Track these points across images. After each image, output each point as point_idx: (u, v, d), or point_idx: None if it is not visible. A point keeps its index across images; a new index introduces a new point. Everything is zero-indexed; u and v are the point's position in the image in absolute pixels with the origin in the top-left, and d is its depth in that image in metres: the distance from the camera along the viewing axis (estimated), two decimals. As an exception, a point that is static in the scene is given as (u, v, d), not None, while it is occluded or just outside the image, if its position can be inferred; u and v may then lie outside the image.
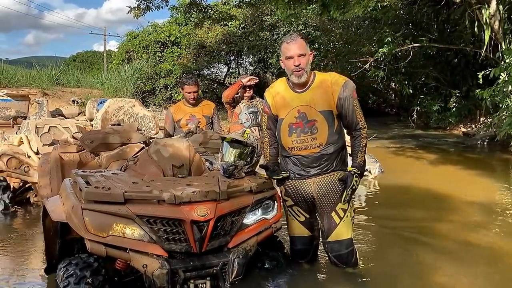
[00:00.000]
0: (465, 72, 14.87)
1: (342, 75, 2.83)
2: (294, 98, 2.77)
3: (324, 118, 2.70)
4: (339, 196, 2.73)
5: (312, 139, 2.70)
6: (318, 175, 2.75)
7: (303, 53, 2.70)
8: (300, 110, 2.73)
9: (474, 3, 10.43)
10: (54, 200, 2.63)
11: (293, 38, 2.72)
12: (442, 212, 4.57)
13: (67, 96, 15.64)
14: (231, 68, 23.36)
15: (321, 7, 12.72)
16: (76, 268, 2.37)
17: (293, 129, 2.74)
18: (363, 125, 2.76)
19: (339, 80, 2.73)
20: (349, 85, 2.73)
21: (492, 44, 10.42)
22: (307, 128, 2.71)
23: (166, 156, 2.74)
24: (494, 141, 10.13)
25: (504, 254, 3.48)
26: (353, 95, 2.72)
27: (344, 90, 2.69)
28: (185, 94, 4.57)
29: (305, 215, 2.88)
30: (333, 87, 2.71)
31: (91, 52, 40.70)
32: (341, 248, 2.77)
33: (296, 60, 2.69)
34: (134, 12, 14.25)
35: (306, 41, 2.76)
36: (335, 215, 2.75)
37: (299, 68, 2.69)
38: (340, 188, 2.73)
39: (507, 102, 8.94)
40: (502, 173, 7.55)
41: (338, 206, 2.75)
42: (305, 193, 2.79)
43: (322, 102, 2.70)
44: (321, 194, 2.75)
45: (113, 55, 25.53)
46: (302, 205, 2.85)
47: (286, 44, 2.73)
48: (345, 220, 2.76)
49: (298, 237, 2.91)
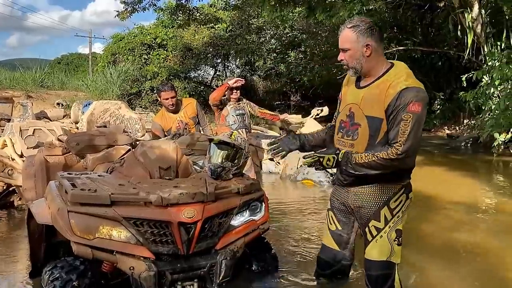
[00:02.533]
0: (449, 75, 15.13)
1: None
2: (352, 93, 2.41)
3: (367, 124, 2.28)
4: (373, 213, 2.36)
5: (351, 145, 2.35)
6: (355, 184, 2.41)
7: (345, 48, 2.32)
8: (351, 108, 2.37)
9: (457, 7, 10.63)
10: (39, 203, 2.60)
11: (341, 28, 2.34)
12: (428, 212, 4.63)
13: (51, 99, 15.43)
14: (218, 70, 23.36)
15: (307, 10, 12.84)
16: (62, 271, 2.33)
17: (341, 127, 2.43)
18: (399, 146, 2.15)
19: (399, 85, 2.19)
20: (409, 94, 2.16)
21: (475, 47, 10.61)
22: (350, 131, 2.36)
23: (153, 158, 2.72)
24: (477, 142, 10.31)
25: (488, 252, 3.55)
26: (410, 107, 2.14)
27: (399, 98, 2.17)
28: (163, 102, 4.45)
29: (337, 225, 2.56)
30: (389, 90, 2.21)
31: (76, 55, 40.35)
32: (370, 268, 2.41)
33: (340, 54, 2.36)
34: (120, 15, 14.21)
35: (357, 30, 2.27)
36: (368, 231, 2.40)
37: (343, 64, 2.38)
38: (376, 205, 2.35)
39: (490, 104, 9.13)
40: (485, 174, 7.70)
41: (371, 223, 2.38)
42: (344, 201, 2.50)
43: (372, 106, 2.27)
44: (356, 205, 2.42)
45: (99, 58, 25.31)
46: (337, 212, 2.56)
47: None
48: (378, 240, 2.37)
49: (323, 245, 2.64)
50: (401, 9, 14.40)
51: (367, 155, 2.23)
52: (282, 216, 4.59)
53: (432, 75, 15.81)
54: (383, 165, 2.20)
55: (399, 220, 2.37)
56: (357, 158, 2.25)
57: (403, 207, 2.37)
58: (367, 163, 2.22)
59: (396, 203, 2.36)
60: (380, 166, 2.21)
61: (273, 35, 22.50)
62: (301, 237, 3.87)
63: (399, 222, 2.37)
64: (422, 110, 2.17)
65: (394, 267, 2.40)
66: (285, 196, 5.66)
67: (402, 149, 2.15)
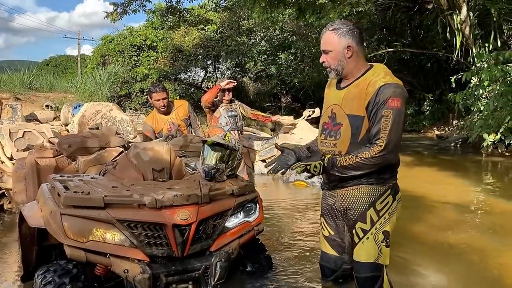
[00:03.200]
0: (438, 76, 15.29)
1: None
2: (333, 94, 2.45)
3: (349, 123, 2.31)
4: (359, 214, 2.37)
5: (333, 145, 2.37)
6: (341, 187, 2.43)
7: (326, 50, 2.38)
8: (333, 109, 2.41)
9: (446, 9, 10.74)
10: (31, 206, 2.57)
11: (323, 31, 2.40)
12: (418, 212, 4.66)
13: (40, 101, 15.25)
14: (209, 72, 23.29)
15: (297, 11, 12.91)
16: (54, 275, 2.31)
17: (324, 129, 2.46)
18: (381, 143, 2.19)
19: (377, 82, 2.24)
20: (387, 90, 2.20)
21: (464, 49, 10.74)
22: (332, 132, 2.39)
23: (146, 160, 2.71)
24: (466, 143, 10.42)
25: (478, 251, 3.58)
26: (389, 103, 2.18)
27: (378, 95, 2.21)
28: (155, 103, 4.43)
29: (329, 231, 2.57)
30: (368, 88, 2.25)
31: (64, 56, 39.94)
32: (359, 270, 2.42)
33: (322, 56, 2.41)
34: (110, 17, 14.13)
35: (339, 33, 2.33)
36: (355, 233, 2.41)
37: (325, 66, 2.42)
38: (362, 207, 2.37)
39: (478, 105, 9.24)
40: (474, 174, 7.77)
41: (358, 225, 2.39)
42: (331, 204, 2.52)
43: (352, 105, 2.30)
44: (343, 208, 2.44)
45: (88, 59, 25.09)
46: (328, 218, 2.57)
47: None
48: (364, 242, 2.37)
49: (322, 252, 2.64)
50: (391, 11, 14.53)
51: (350, 157, 2.26)
52: (275, 217, 4.60)
53: (421, 77, 15.98)
54: (367, 164, 2.23)
55: (386, 221, 2.38)
56: (342, 161, 2.28)
57: (390, 209, 2.39)
58: (352, 164, 2.26)
59: (382, 204, 2.38)
60: (365, 165, 2.24)
61: (263, 36, 22.56)
62: (294, 238, 3.87)
63: (386, 224, 2.38)
64: (401, 105, 2.21)
65: (383, 269, 2.41)
66: (277, 198, 5.66)
67: (383, 145, 2.18)
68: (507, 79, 7.90)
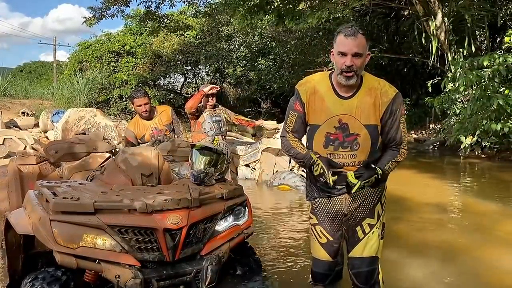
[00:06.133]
0: (415, 81, 15.62)
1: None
2: (337, 104, 2.32)
3: (368, 133, 2.31)
4: (369, 211, 2.43)
5: (352, 156, 2.33)
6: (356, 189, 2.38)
7: (360, 53, 2.25)
8: (341, 120, 2.31)
9: (422, 16, 11.02)
10: (18, 213, 2.52)
11: (353, 32, 2.24)
12: (399, 214, 4.75)
13: (16, 108, 14.94)
14: (188, 78, 23.24)
15: (276, 18, 13.01)
16: (43, 283, 2.27)
17: (330, 140, 2.34)
18: (406, 147, 2.41)
19: (389, 91, 2.32)
20: (399, 99, 2.34)
21: (439, 54, 11.02)
22: (347, 143, 2.32)
23: (134, 165, 2.70)
24: (444, 146, 10.67)
25: (458, 250, 3.71)
26: (402, 111, 2.35)
27: (393, 104, 2.30)
28: (137, 108, 4.42)
29: (328, 237, 2.51)
30: (382, 98, 2.30)
31: (39, 63, 39.18)
32: (362, 265, 2.44)
33: (349, 59, 2.23)
34: (88, 21, 13.99)
35: (367, 38, 2.31)
36: (360, 229, 2.44)
37: (350, 70, 2.24)
38: (372, 203, 2.43)
39: (454, 109, 9.48)
40: (452, 176, 7.96)
41: (365, 221, 2.43)
42: (335, 211, 2.45)
43: (369, 114, 2.30)
44: (352, 208, 2.41)
45: (64, 65, 24.70)
46: (327, 225, 2.49)
47: (344, 37, 2.24)
48: (370, 236, 2.43)
49: (317, 259, 2.58)
50: (368, 17, 14.81)
51: (391, 163, 2.38)
52: (260, 221, 4.62)
53: (398, 81, 16.24)
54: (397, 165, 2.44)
55: (384, 213, 2.51)
56: (387, 169, 2.38)
57: (386, 201, 2.52)
58: (391, 169, 2.41)
59: (384, 197, 2.51)
60: (396, 167, 2.44)
61: (242, 42, 22.64)
62: (281, 241, 3.91)
63: (384, 215, 2.51)
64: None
65: (378, 261, 2.50)
66: (262, 202, 5.69)
67: (407, 148, 2.43)
68: (482, 83, 8.14)
